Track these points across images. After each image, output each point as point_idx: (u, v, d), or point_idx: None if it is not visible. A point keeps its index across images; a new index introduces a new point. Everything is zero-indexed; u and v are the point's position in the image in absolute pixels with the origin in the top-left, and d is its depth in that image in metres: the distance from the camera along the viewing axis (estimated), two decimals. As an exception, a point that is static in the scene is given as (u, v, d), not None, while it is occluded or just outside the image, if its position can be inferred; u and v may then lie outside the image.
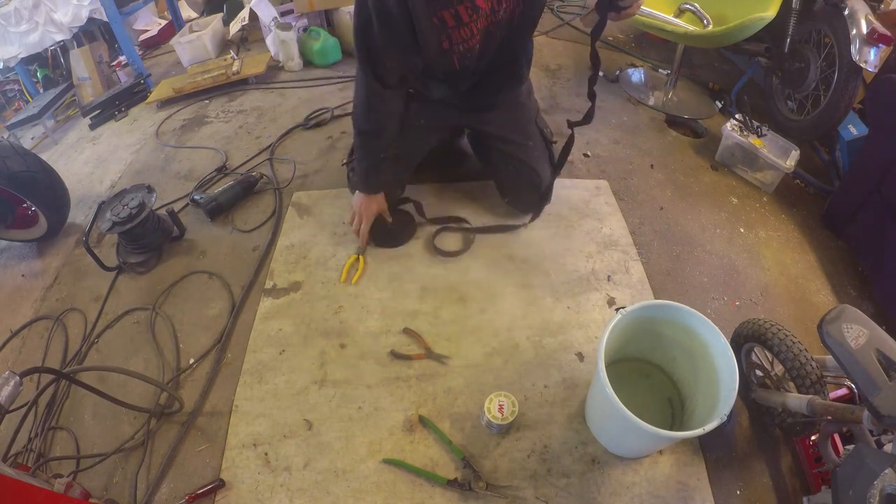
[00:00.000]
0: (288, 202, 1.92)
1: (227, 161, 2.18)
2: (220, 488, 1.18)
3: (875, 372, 0.85)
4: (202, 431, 1.31)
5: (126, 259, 1.73)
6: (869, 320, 0.92)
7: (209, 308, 1.59)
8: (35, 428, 1.34)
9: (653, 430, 0.93)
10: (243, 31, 3.23)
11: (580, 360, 1.39)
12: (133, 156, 2.35)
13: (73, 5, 2.64)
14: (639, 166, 2.02)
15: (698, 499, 1.14)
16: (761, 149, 1.87)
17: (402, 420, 1.28)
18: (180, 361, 1.47)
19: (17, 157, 1.74)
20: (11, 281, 1.83)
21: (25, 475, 0.90)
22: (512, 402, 1.20)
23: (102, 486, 1.23)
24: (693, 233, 1.75)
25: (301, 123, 2.35)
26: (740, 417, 1.28)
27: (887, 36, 1.64)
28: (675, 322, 1.13)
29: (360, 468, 1.20)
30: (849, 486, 0.79)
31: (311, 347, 1.45)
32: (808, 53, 1.98)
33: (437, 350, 1.41)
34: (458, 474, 1.17)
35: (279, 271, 1.66)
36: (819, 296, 1.59)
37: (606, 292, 1.55)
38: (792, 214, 1.86)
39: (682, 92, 2.45)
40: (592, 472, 1.18)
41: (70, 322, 1.62)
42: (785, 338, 1.08)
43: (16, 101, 3.28)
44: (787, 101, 2.15)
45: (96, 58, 2.98)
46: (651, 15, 2.06)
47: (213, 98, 2.67)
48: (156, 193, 1.73)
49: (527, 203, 1.74)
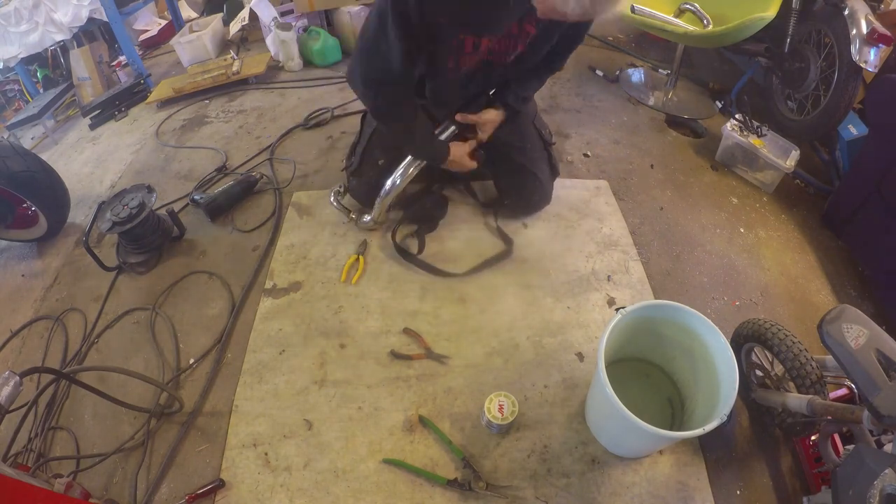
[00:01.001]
0: (288, 202, 1.92)
1: (227, 161, 2.18)
2: (220, 488, 1.18)
3: (875, 372, 0.85)
4: (202, 431, 1.31)
5: (126, 259, 1.73)
6: (869, 320, 0.92)
7: (209, 308, 1.59)
8: (35, 428, 1.34)
9: (653, 430, 0.93)
10: (243, 31, 3.23)
11: (580, 360, 1.39)
12: (133, 156, 2.35)
13: (73, 5, 2.64)
14: (639, 166, 2.02)
15: (698, 499, 1.14)
16: (761, 149, 1.87)
17: (402, 420, 1.28)
18: (180, 361, 1.47)
19: (17, 157, 1.74)
20: (11, 281, 1.83)
21: (25, 475, 0.90)
22: (512, 402, 1.20)
23: (102, 486, 1.23)
24: (693, 233, 1.75)
25: (301, 123, 2.35)
26: (740, 417, 1.28)
27: (887, 36, 1.64)
28: (675, 322, 1.13)
29: (360, 468, 1.20)
30: (849, 486, 0.79)
31: (311, 347, 1.45)
32: (808, 53, 1.98)
33: (437, 350, 1.41)
34: (458, 474, 1.17)
35: (279, 271, 1.66)
36: (819, 296, 1.59)
37: (606, 292, 1.55)
38: (792, 214, 1.86)
39: (682, 92, 2.45)
40: (592, 472, 1.18)
41: (70, 322, 1.62)
42: (785, 338, 1.08)
43: (16, 101, 3.28)
44: (787, 101, 2.15)
45: (96, 58, 2.98)
46: (651, 15, 2.06)
47: (213, 98, 2.67)
48: (156, 193, 1.73)
49: (526, 205, 1.74)
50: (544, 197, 1.71)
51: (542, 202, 1.73)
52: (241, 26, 3.20)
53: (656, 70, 2.61)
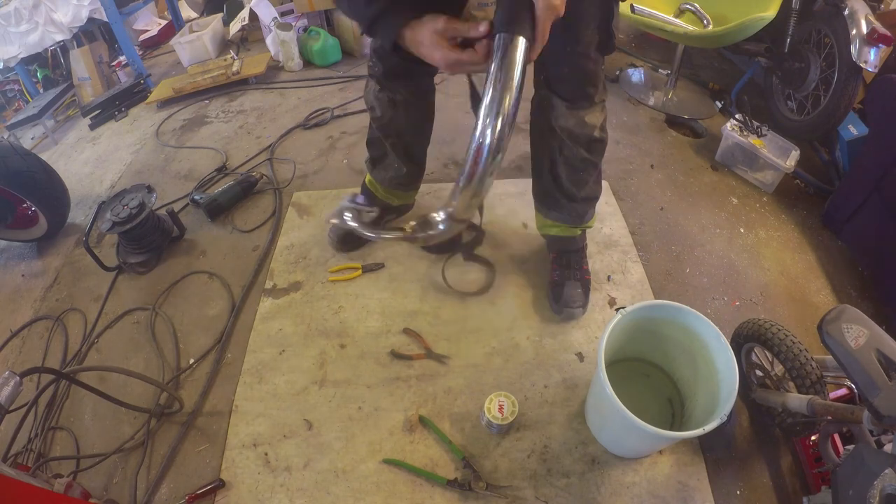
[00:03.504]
0: (288, 202, 1.92)
1: (227, 161, 2.18)
2: (220, 488, 1.18)
3: (875, 372, 0.84)
4: (202, 431, 1.31)
5: (126, 259, 1.73)
6: (869, 320, 0.92)
7: (209, 308, 1.59)
8: (35, 428, 1.34)
9: (653, 431, 0.93)
10: (243, 31, 3.23)
11: (580, 360, 1.39)
12: (133, 156, 2.35)
13: (73, 5, 2.64)
14: (639, 166, 2.02)
15: (698, 499, 1.14)
16: (761, 149, 1.87)
17: (402, 420, 1.28)
18: (180, 361, 1.47)
19: (17, 157, 1.74)
20: (11, 281, 1.83)
21: (25, 475, 0.90)
22: (512, 402, 1.20)
23: (102, 486, 1.23)
24: (693, 233, 1.75)
25: (301, 123, 2.35)
26: (740, 417, 1.28)
27: (887, 36, 1.64)
28: (675, 322, 1.13)
29: (360, 468, 1.20)
30: (849, 486, 0.79)
31: (311, 347, 1.45)
32: (808, 53, 1.98)
33: (437, 350, 1.41)
34: (458, 474, 1.17)
35: (279, 271, 1.66)
36: (819, 296, 1.59)
37: (606, 292, 1.54)
38: (792, 214, 1.86)
39: (682, 92, 2.45)
40: (592, 472, 1.18)
41: (70, 322, 1.62)
42: (785, 338, 1.07)
43: (16, 101, 3.28)
44: (787, 101, 2.15)
45: (96, 58, 2.99)
46: (651, 15, 2.06)
47: (213, 98, 2.68)
48: (156, 193, 1.73)
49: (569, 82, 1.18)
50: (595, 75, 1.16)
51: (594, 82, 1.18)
52: (241, 26, 3.20)
53: (656, 70, 2.61)
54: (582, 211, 1.42)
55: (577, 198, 1.37)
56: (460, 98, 2.43)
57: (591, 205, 1.46)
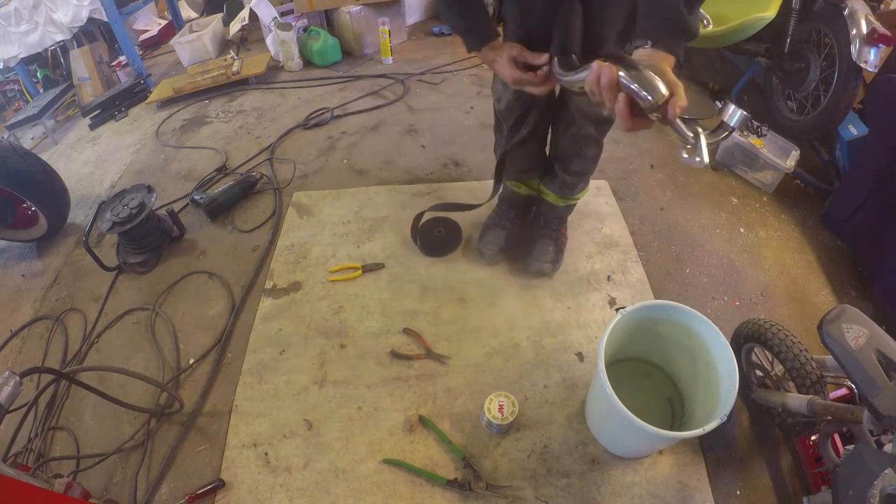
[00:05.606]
0: (288, 202, 1.92)
1: (227, 161, 2.18)
2: (220, 488, 1.18)
3: (875, 372, 0.85)
4: (202, 431, 1.31)
5: (126, 259, 1.73)
6: (869, 320, 0.92)
7: (209, 308, 1.59)
8: (35, 428, 1.34)
9: (653, 431, 0.93)
10: (243, 31, 3.23)
11: (580, 360, 1.39)
12: (133, 156, 2.35)
13: (73, 5, 2.65)
14: (639, 166, 2.02)
15: (698, 499, 1.14)
16: (761, 149, 1.87)
17: (402, 420, 1.28)
18: (180, 361, 1.47)
19: (17, 157, 1.74)
20: (11, 281, 1.83)
21: (25, 475, 0.90)
22: (512, 402, 1.20)
23: (102, 486, 1.23)
24: (693, 233, 1.75)
25: (301, 123, 2.35)
26: (740, 417, 1.28)
27: (887, 36, 1.64)
28: (675, 322, 1.13)
29: (360, 468, 1.20)
30: (849, 486, 0.79)
31: (311, 347, 1.45)
32: (808, 53, 1.98)
33: (437, 350, 1.41)
34: (458, 474, 1.17)
35: (279, 271, 1.66)
36: (819, 296, 1.59)
37: (606, 292, 1.54)
38: (792, 214, 1.86)
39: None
40: (592, 472, 1.18)
41: (70, 322, 1.62)
42: (785, 338, 1.08)
43: (16, 101, 3.28)
44: (787, 101, 2.15)
45: (96, 58, 2.99)
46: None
47: (213, 98, 2.68)
48: (156, 193, 1.73)
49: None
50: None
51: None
52: (241, 26, 3.21)
53: (656, 70, 2.61)
54: (573, 183, 1.48)
55: (570, 170, 1.44)
56: (460, 98, 2.44)
57: (585, 179, 1.51)
